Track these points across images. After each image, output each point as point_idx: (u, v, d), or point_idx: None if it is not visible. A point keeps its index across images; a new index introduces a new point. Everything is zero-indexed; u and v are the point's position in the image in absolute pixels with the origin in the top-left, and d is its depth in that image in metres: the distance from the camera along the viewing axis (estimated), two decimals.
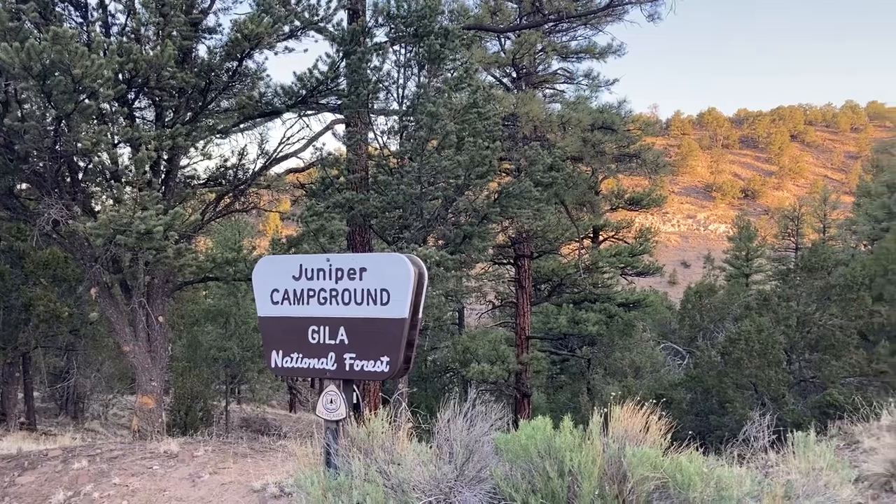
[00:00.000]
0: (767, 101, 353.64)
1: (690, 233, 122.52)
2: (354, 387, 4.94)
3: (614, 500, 3.59)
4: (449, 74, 9.20)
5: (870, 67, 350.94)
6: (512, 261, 24.21)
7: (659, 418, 4.15)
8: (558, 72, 22.81)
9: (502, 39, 21.34)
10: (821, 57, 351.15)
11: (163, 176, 9.62)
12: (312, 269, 4.92)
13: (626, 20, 19.14)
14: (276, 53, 9.46)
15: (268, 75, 9.87)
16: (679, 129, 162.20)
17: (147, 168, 7.82)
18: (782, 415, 17.60)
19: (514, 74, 21.69)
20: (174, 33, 8.14)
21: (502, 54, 20.90)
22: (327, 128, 11.56)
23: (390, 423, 4.82)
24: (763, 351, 18.06)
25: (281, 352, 4.98)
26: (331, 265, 4.86)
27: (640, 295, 31.48)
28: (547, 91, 22.81)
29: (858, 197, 56.08)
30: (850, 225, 55.72)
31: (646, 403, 4.15)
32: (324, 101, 9.98)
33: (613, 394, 4.71)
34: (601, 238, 33.75)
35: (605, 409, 4.13)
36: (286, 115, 10.78)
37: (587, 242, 32.79)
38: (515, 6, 20.59)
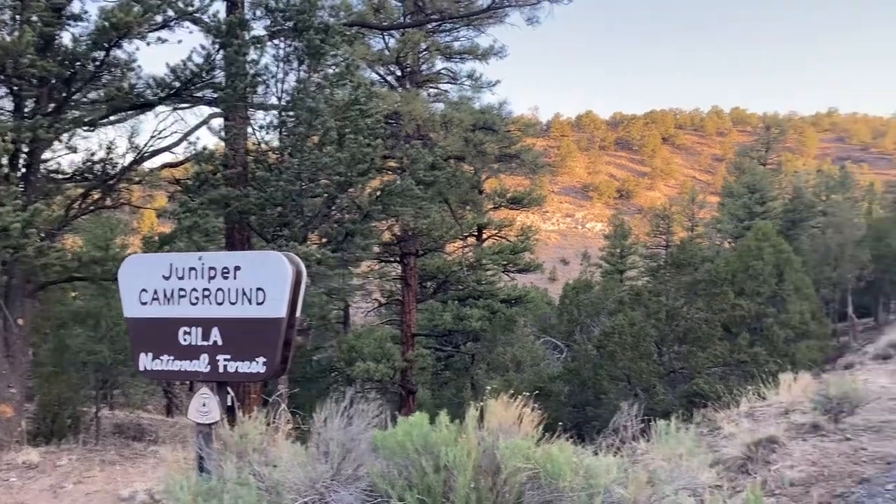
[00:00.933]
0: (641, 104, 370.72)
1: (569, 231, 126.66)
2: (229, 389, 4.81)
3: (489, 492, 3.67)
4: (330, 70, 9.10)
5: (733, 75, 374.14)
6: (398, 258, 24.27)
7: (532, 410, 4.26)
8: (442, 71, 23.02)
9: (386, 37, 21.32)
10: (690, 63, 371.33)
11: (23, 170, 9.01)
12: (183, 268, 4.75)
13: (507, 23, 19.56)
14: (148, 44, 9.04)
15: (139, 66, 9.43)
16: (559, 130, 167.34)
17: (4, 161, 7.30)
18: (653, 404, 18.51)
19: (399, 73, 21.71)
20: (34, 18, 7.64)
21: (386, 52, 20.87)
22: (204, 122, 11.17)
23: (269, 425, 4.73)
24: (635, 344, 18.93)
25: (150, 354, 4.78)
26: (203, 264, 4.70)
27: (522, 291, 32.30)
28: (431, 90, 22.96)
29: (723, 197, 59.84)
30: (716, 223, 59.33)
31: (520, 396, 4.25)
32: (199, 95, 9.63)
33: (489, 387, 4.81)
34: (485, 236, 34.40)
35: (482, 403, 4.20)
36: (160, 108, 10.34)
37: (471, 240, 33.36)
38: (399, 4, 20.61)
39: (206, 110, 11.22)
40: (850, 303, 43.87)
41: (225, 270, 4.64)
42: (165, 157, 11.74)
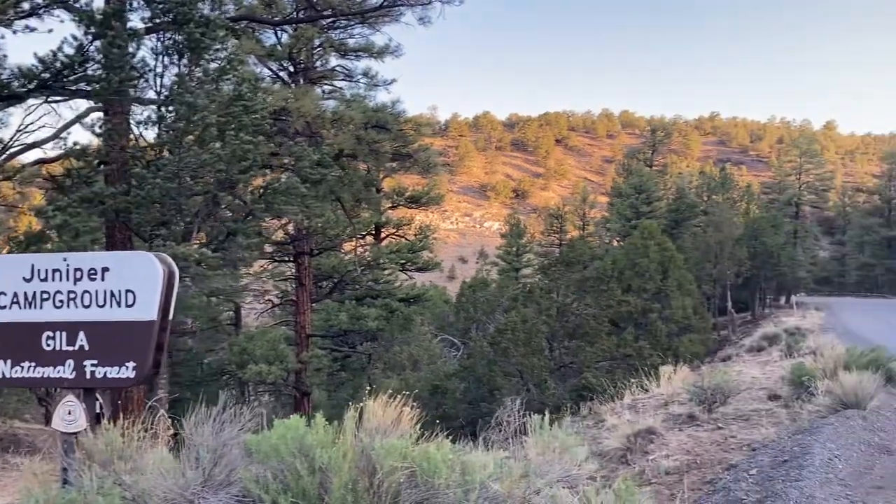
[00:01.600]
0: (536, 106, 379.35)
1: (468, 230, 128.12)
2: (98, 395, 4.59)
3: (365, 493, 3.65)
4: (212, 65, 8.79)
5: (623, 78, 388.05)
6: (292, 258, 23.82)
7: (412, 409, 4.28)
8: (336, 69, 22.76)
9: (279, 32, 20.89)
10: (582, 66, 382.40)
11: None
12: (47, 270, 4.49)
13: (403, 22, 19.56)
14: (14, 32, 8.50)
15: (4, 56, 8.83)
16: (457, 130, 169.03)
17: None
18: (544, 399, 18.98)
19: (292, 69, 21.32)
20: None
21: (279, 48, 20.46)
22: (80, 116, 10.60)
23: (146, 431, 4.55)
24: (527, 340, 19.34)
25: (10, 361, 4.49)
26: (68, 265, 4.47)
27: (421, 290, 32.40)
28: (326, 87, 22.68)
29: (612, 197, 62.05)
30: (605, 223, 61.47)
31: (400, 396, 4.26)
32: (73, 88, 9.12)
33: (369, 388, 4.78)
34: (383, 235, 34.32)
35: (361, 404, 4.19)
36: (31, 101, 9.74)
37: (369, 239, 33.17)
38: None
39: (83, 104, 10.67)
40: (730, 298, 46.32)
41: (92, 272, 4.42)
42: (40, 153, 11.10)
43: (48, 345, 4.43)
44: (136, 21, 9.01)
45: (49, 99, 9.66)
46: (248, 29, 14.02)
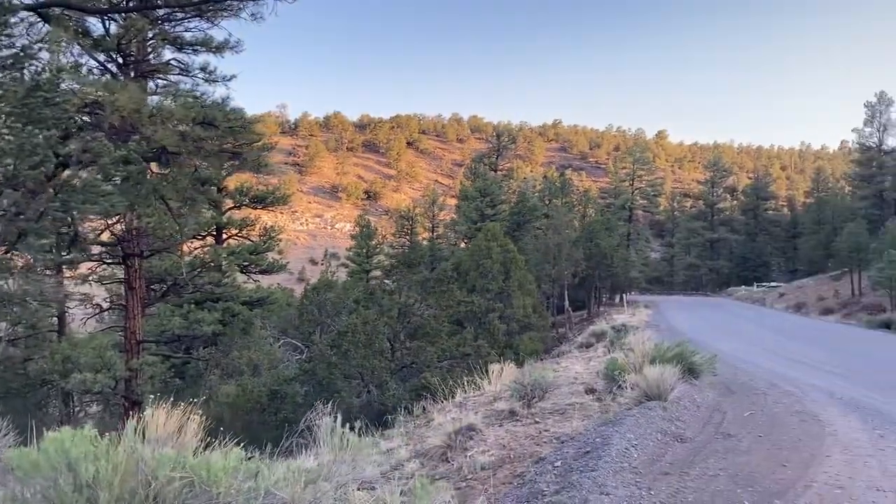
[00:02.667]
0: (387, 108, 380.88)
1: (319, 231, 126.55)
2: None
3: (144, 503, 3.50)
4: (3, 52, 8.08)
5: (473, 84, 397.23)
6: (120, 260, 22.47)
7: (200, 417, 4.15)
8: (172, 62, 21.75)
9: (107, 22, 19.66)
10: (433, 70, 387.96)
11: None
12: None
13: (242, 17, 18.96)
14: None
15: None
16: (307, 130, 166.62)
17: None
18: (385, 399, 19.07)
19: (121, 61, 20.13)
20: None
21: (108, 38, 19.25)
22: None
23: None
24: (369, 342, 19.36)
25: None
26: None
27: (265, 292, 31.64)
28: (160, 81, 21.59)
29: (459, 200, 63.34)
30: (454, 225, 62.65)
31: (183, 405, 4.12)
32: None
33: (153, 396, 4.60)
34: (225, 236, 33.22)
35: (143, 414, 4.01)
36: None
37: (210, 240, 31.95)
38: None
39: None
40: (567, 297, 48.53)
41: None
42: None
43: None
44: None
45: None
46: (63, 16, 13.04)
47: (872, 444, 7.35)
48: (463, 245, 53.95)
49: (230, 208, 33.56)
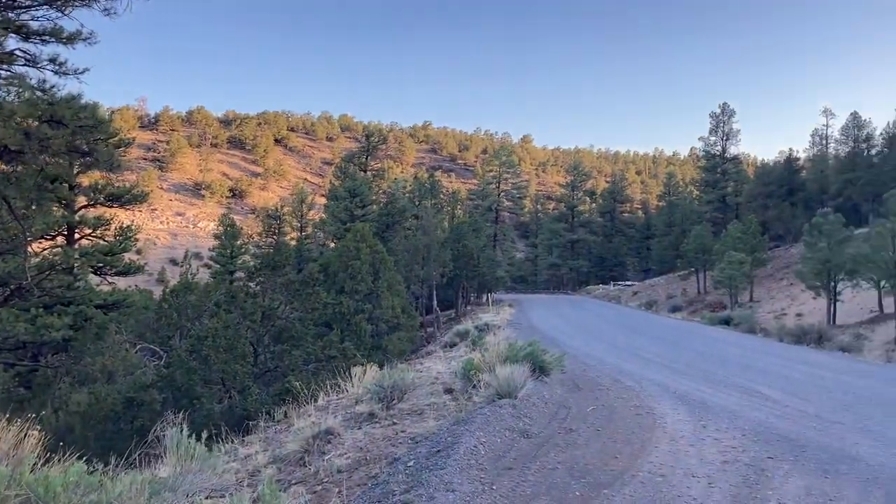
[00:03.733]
0: (254, 105, 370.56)
1: (180, 230, 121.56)
2: None
3: None
4: None
5: (345, 83, 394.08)
6: None
7: (40, 429, 4.11)
8: (16, 52, 20.47)
9: None
10: (302, 67, 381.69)
11: None
12: None
13: (95, 8, 18.15)
14: None
15: None
16: (168, 124, 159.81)
17: None
18: (247, 405, 18.79)
19: None
20: None
21: None
22: None
23: None
24: (230, 346, 19.00)
25: None
26: None
27: (122, 295, 30.28)
28: (3, 72, 20.26)
29: (328, 200, 62.87)
30: (323, 225, 62.10)
31: (27, 417, 4.07)
32: None
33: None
34: (78, 236, 31.47)
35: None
36: None
37: (60, 240, 30.15)
38: None
39: None
40: (435, 297, 49.32)
41: None
42: None
43: None
44: None
45: None
46: None
47: (695, 434, 8.12)
48: (332, 245, 53.64)
49: (83, 206, 31.82)
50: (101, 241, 31.82)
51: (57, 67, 19.37)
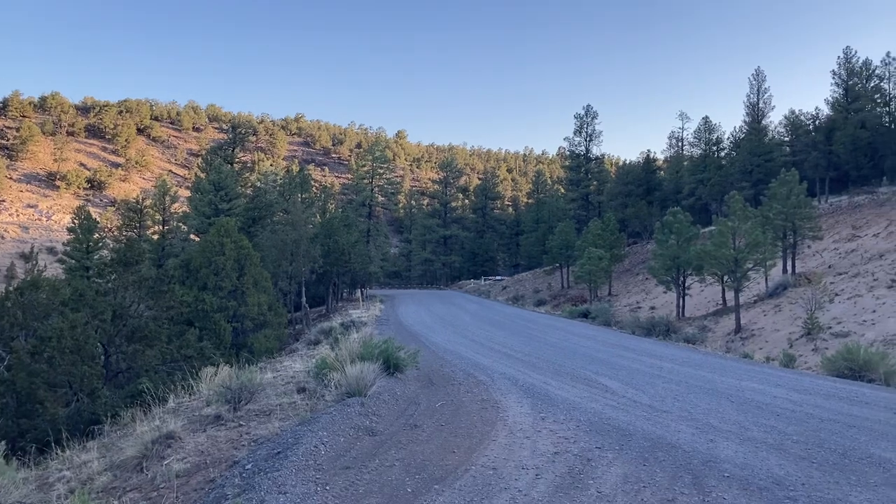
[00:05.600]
0: (115, 92, 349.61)
1: (32, 223, 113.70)
2: None
3: None
4: None
5: (213, 72, 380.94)
6: None
7: None
8: None
9: None
10: (169, 55, 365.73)
11: None
12: None
13: None
14: None
15: None
16: (19, 111, 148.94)
17: None
18: (96, 408, 17.87)
19: None
20: None
21: None
22: None
23: None
24: (77, 347, 18.01)
25: None
26: None
27: None
28: None
29: (193, 193, 60.57)
30: (186, 219, 59.77)
31: None
32: None
33: None
34: None
35: None
36: None
37: None
38: None
39: None
40: (304, 293, 48.63)
41: None
42: None
43: None
44: None
45: None
46: None
47: (533, 426, 8.46)
48: (196, 239, 51.80)
49: None
50: None
51: None
